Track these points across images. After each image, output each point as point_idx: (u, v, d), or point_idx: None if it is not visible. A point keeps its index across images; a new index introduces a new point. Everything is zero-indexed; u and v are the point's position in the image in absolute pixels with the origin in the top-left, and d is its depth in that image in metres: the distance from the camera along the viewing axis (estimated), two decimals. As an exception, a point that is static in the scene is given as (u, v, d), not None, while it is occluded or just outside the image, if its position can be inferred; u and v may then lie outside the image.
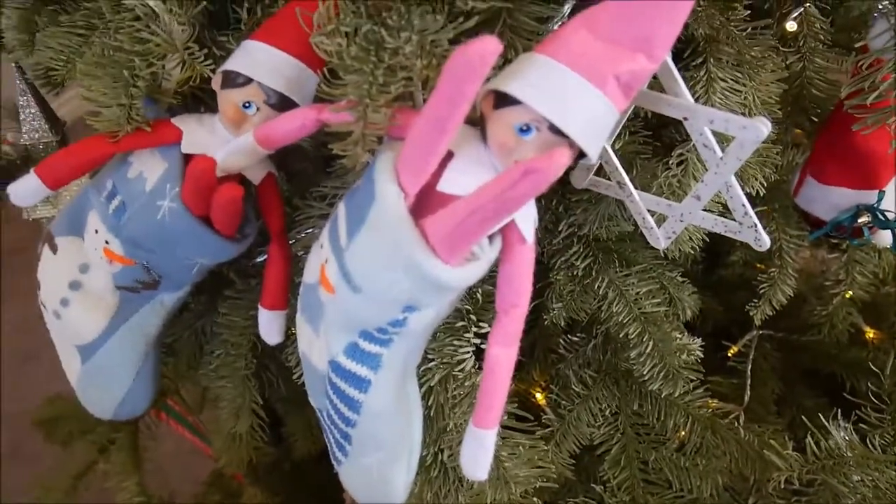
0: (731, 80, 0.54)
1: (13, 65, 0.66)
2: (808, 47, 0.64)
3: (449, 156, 0.43)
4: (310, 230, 0.61)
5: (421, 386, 0.55)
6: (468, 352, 0.55)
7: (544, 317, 0.69)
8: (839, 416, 0.65)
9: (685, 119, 0.47)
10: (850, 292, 0.82)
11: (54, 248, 0.59)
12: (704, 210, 0.52)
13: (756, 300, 0.79)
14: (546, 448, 0.60)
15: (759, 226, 0.49)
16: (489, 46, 0.35)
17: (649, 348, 0.67)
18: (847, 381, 0.81)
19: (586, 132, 0.40)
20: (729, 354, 0.85)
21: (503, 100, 0.41)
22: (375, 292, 0.45)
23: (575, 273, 0.68)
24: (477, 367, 0.56)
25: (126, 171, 0.55)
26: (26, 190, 0.54)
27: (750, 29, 0.56)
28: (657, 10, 0.39)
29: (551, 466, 0.57)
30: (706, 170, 0.55)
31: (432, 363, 0.55)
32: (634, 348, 0.67)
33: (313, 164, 0.68)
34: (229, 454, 0.79)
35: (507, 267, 0.45)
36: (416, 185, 0.42)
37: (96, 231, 0.56)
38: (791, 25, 0.62)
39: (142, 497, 0.85)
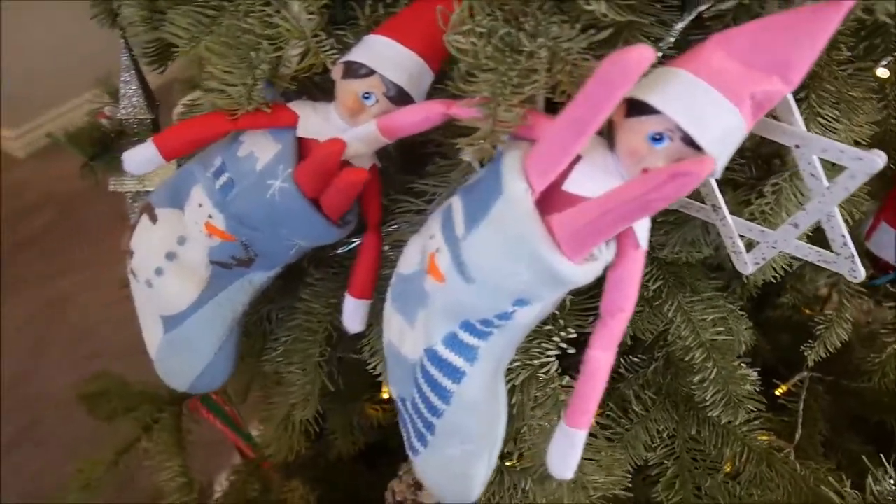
0: (831, 117, 0.56)
1: (121, 41, 0.68)
2: (895, 94, 0.66)
3: (576, 158, 0.45)
4: (397, 225, 0.63)
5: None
6: (553, 355, 0.56)
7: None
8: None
9: (797, 147, 0.48)
10: (903, 342, 0.83)
11: (154, 218, 0.61)
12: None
13: (808, 342, 0.80)
14: (622, 456, 0.60)
15: (857, 257, 0.51)
16: (645, 54, 0.37)
17: (713, 375, 0.68)
18: (896, 429, 0.82)
19: (719, 146, 0.41)
20: (777, 393, 0.85)
21: (637, 108, 0.42)
22: (490, 283, 0.46)
23: (645, 294, 0.69)
24: (559, 371, 0.57)
25: (236, 150, 0.56)
26: (141, 158, 0.56)
27: (851, 70, 0.57)
28: (797, 36, 0.40)
29: (628, 476, 0.58)
30: (799, 200, 0.57)
31: (516, 363, 0.56)
32: (698, 373, 0.68)
33: (394, 164, 0.70)
34: (279, 442, 0.80)
35: (619, 271, 0.46)
36: (544, 183, 0.43)
37: (200, 205, 0.58)
38: (883, 72, 0.64)
39: (184, 478, 0.85)
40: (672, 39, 0.55)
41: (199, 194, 0.58)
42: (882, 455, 0.71)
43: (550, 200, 0.44)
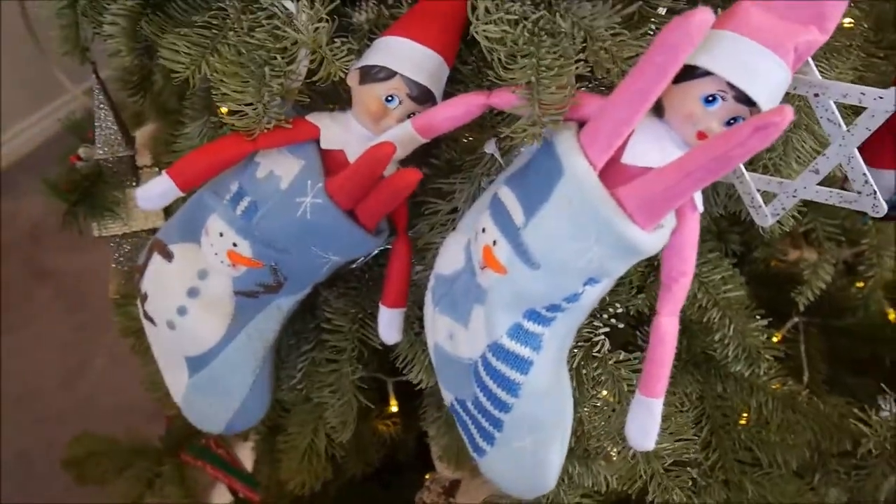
0: (825, 68, 0.59)
1: (93, 76, 0.64)
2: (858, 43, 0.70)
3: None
4: (418, 228, 0.62)
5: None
6: (603, 333, 0.57)
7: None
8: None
9: (815, 95, 0.50)
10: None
11: (168, 256, 0.58)
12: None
13: (797, 288, 0.84)
14: (689, 419, 0.61)
15: (878, 193, 0.53)
16: (706, 17, 0.38)
17: (731, 331, 0.70)
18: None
19: (771, 99, 0.43)
20: (774, 340, 0.89)
21: (685, 73, 0.43)
22: (558, 266, 0.46)
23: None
24: (609, 348, 0.58)
25: (254, 172, 0.54)
26: (156, 192, 0.53)
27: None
28: (829, -15, 0.42)
29: (695, 437, 0.59)
30: (805, 148, 0.59)
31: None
32: (717, 332, 0.70)
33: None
34: (304, 474, 0.77)
35: (678, 236, 0.47)
36: (605, 159, 0.44)
37: (221, 234, 0.55)
38: (848, 21, 0.67)
39: (203, 528, 0.81)
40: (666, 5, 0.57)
41: (217, 223, 0.56)
42: (883, 385, 0.75)
43: (607, 176, 0.45)
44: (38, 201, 0.80)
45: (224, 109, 0.52)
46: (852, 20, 0.68)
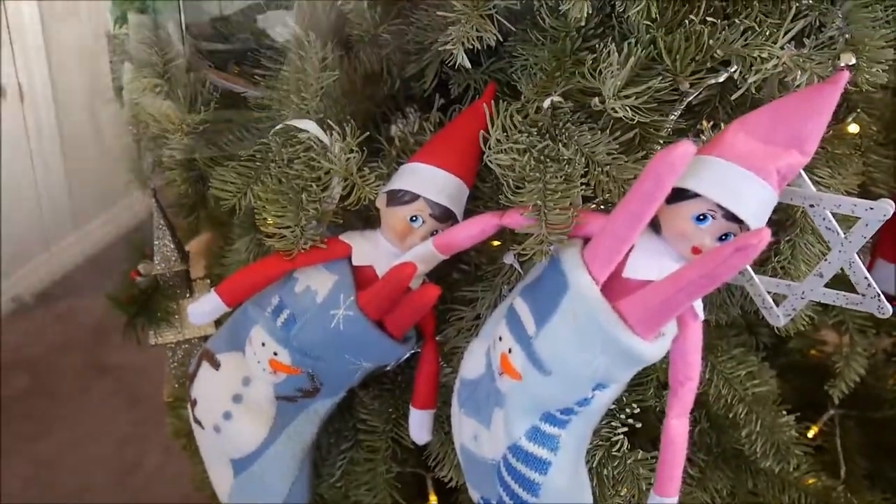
0: (825, 175, 0.62)
1: (153, 200, 0.72)
2: (866, 145, 0.73)
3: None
4: (445, 333, 0.66)
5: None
6: (622, 432, 0.59)
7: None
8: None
9: (811, 206, 0.54)
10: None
11: (216, 365, 0.63)
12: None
13: (831, 381, 0.84)
14: None
15: (882, 295, 0.56)
16: (688, 149, 0.42)
17: (758, 427, 0.71)
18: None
19: (757, 217, 0.46)
20: (810, 435, 0.89)
21: (678, 195, 0.47)
22: (568, 373, 0.49)
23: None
24: (628, 446, 0.60)
25: (293, 287, 0.60)
26: (205, 309, 0.59)
27: (832, 132, 0.64)
28: (807, 113, 0.46)
29: (716, 537, 0.60)
30: (812, 252, 0.62)
31: (589, 445, 0.59)
32: (744, 427, 0.71)
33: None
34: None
35: (681, 343, 0.50)
36: (606, 273, 0.48)
37: (263, 344, 0.60)
38: (853, 128, 0.71)
39: None
40: (670, 127, 0.62)
41: (259, 334, 0.61)
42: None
43: (610, 289, 0.48)
44: (102, 299, 0.87)
45: (265, 229, 0.57)
46: (858, 126, 0.72)
